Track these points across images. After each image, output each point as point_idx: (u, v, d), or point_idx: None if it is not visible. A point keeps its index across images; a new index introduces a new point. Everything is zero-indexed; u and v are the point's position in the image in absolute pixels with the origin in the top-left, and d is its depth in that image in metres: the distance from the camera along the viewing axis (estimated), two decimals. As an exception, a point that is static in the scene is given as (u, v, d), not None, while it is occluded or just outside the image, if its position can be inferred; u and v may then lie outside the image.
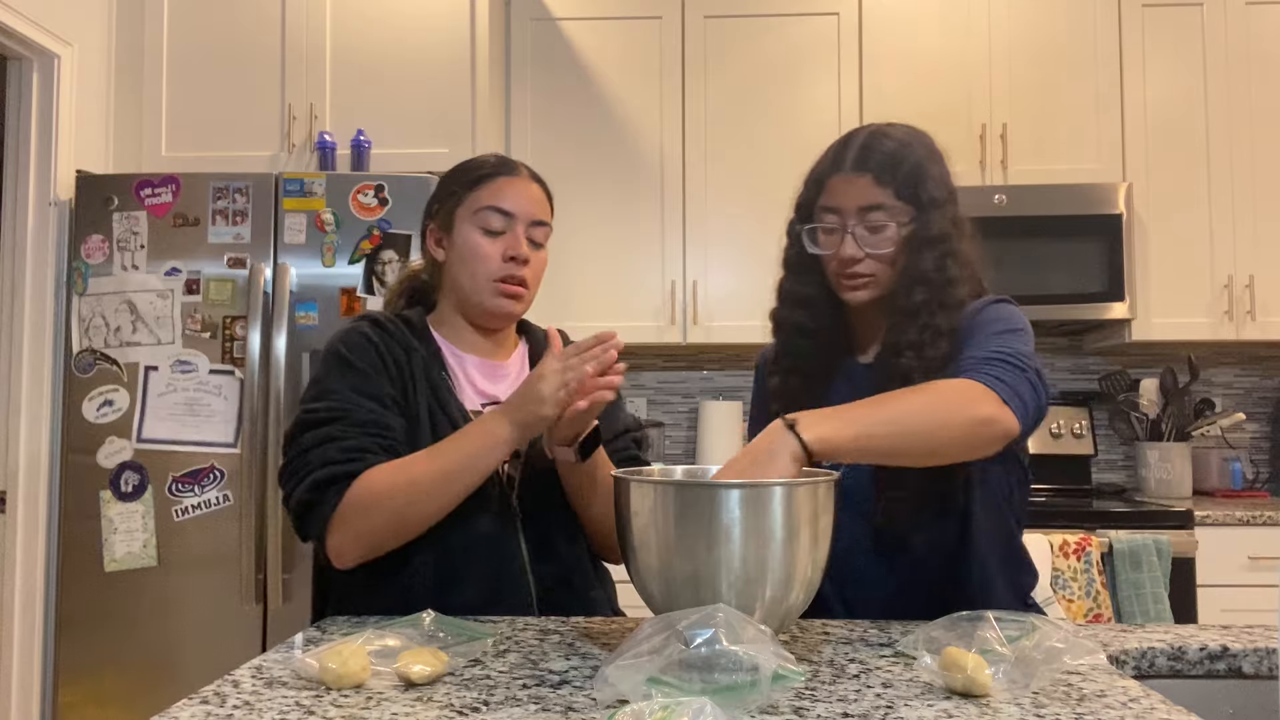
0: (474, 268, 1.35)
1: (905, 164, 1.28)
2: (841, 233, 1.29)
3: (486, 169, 1.39)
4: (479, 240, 1.35)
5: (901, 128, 1.34)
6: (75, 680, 2.50)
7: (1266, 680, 1.09)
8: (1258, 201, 3.04)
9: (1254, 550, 2.66)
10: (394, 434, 1.26)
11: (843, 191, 1.29)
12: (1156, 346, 3.25)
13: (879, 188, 1.27)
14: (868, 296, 1.32)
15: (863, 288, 1.31)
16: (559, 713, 0.83)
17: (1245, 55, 3.06)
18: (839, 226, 1.30)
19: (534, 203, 1.38)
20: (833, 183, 1.30)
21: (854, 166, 1.28)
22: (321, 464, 1.22)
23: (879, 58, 3.13)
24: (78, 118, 2.76)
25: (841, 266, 1.30)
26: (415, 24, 2.87)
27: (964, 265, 1.29)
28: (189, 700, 0.87)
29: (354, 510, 1.20)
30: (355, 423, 1.24)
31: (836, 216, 1.30)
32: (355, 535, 1.22)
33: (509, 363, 1.43)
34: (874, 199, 1.28)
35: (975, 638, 0.93)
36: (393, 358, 1.31)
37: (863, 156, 1.28)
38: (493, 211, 1.35)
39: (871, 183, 1.27)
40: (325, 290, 2.56)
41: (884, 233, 1.28)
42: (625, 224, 3.15)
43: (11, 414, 2.62)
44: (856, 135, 1.32)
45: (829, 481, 1.03)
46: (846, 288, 1.32)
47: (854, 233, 1.28)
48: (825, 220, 1.31)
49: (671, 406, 3.49)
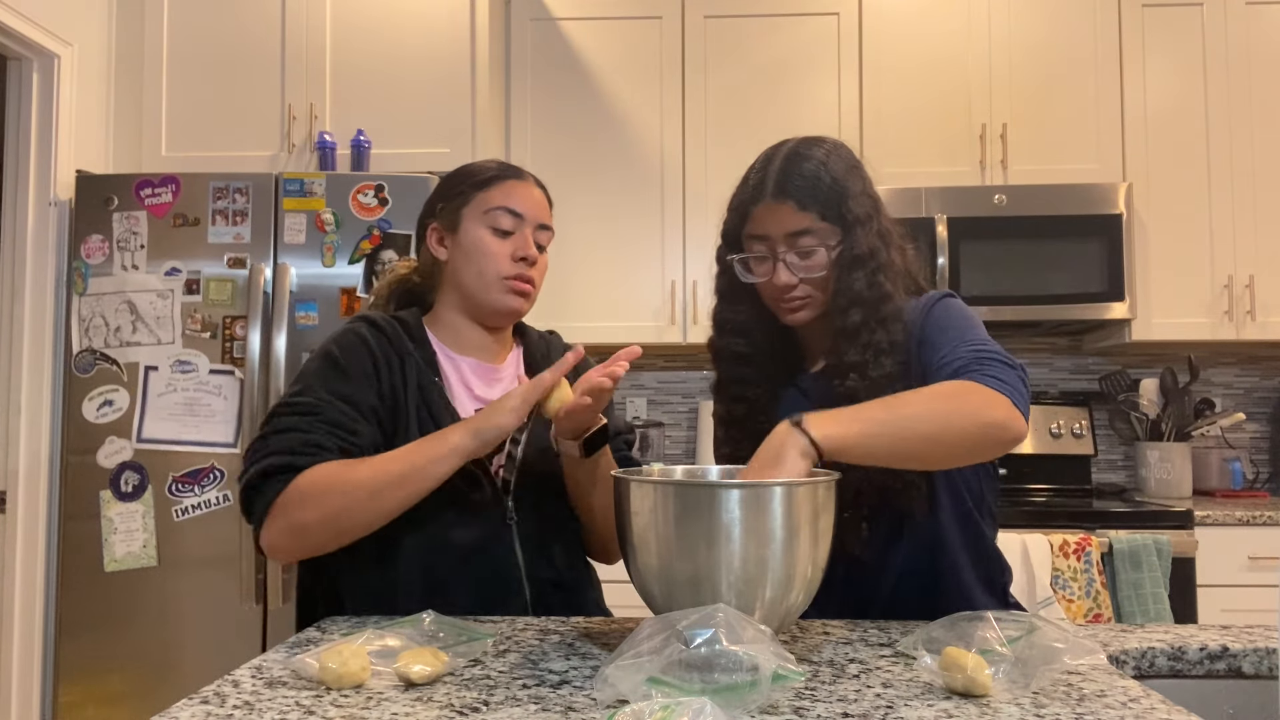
0: (482, 266, 1.35)
1: (824, 185, 1.27)
2: (773, 260, 1.29)
3: (493, 171, 1.39)
4: (489, 239, 1.35)
5: (819, 143, 1.32)
6: (75, 680, 2.50)
7: (1266, 680, 1.09)
8: (1258, 201, 3.04)
9: (1254, 550, 2.66)
10: (359, 439, 1.26)
11: (768, 219, 1.28)
12: (1156, 346, 3.25)
13: (802, 213, 1.26)
14: (808, 317, 1.32)
15: (801, 309, 1.31)
16: (559, 713, 0.83)
17: (1245, 55, 3.06)
18: (769, 254, 1.29)
19: (540, 206, 1.40)
20: (757, 211, 1.29)
21: (774, 194, 1.27)
22: (276, 451, 1.22)
23: (879, 58, 3.13)
24: (78, 118, 2.76)
25: (777, 294, 1.30)
26: (415, 24, 2.87)
27: (895, 276, 1.29)
28: (189, 700, 0.87)
29: (291, 503, 1.20)
30: (323, 420, 1.24)
31: (765, 244, 1.29)
32: (289, 528, 1.21)
33: (504, 366, 1.43)
34: (799, 224, 1.27)
35: (975, 638, 0.93)
36: (385, 361, 1.31)
37: (781, 183, 1.27)
38: (504, 212, 1.35)
39: (794, 209, 1.26)
40: (325, 290, 2.56)
41: (814, 256, 1.28)
42: (625, 224, 3.15)
43: (11, 414, 2.62)
44: (774, 159, 1.31)
45: (829, 481, 1.03)
46: (785, 311, 1.32)
47: (785, 260, 1.28)
48: (754, 249, 1.31)
49: (671, 406, 3.49)
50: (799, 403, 1.34)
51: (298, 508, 1.20)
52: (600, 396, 1.19)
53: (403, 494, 1.20)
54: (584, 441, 1.26)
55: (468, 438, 1.21)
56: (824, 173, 1.28)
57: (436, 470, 1.21)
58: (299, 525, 1.20)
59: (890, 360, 1.24)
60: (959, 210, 2.97)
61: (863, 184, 1.31)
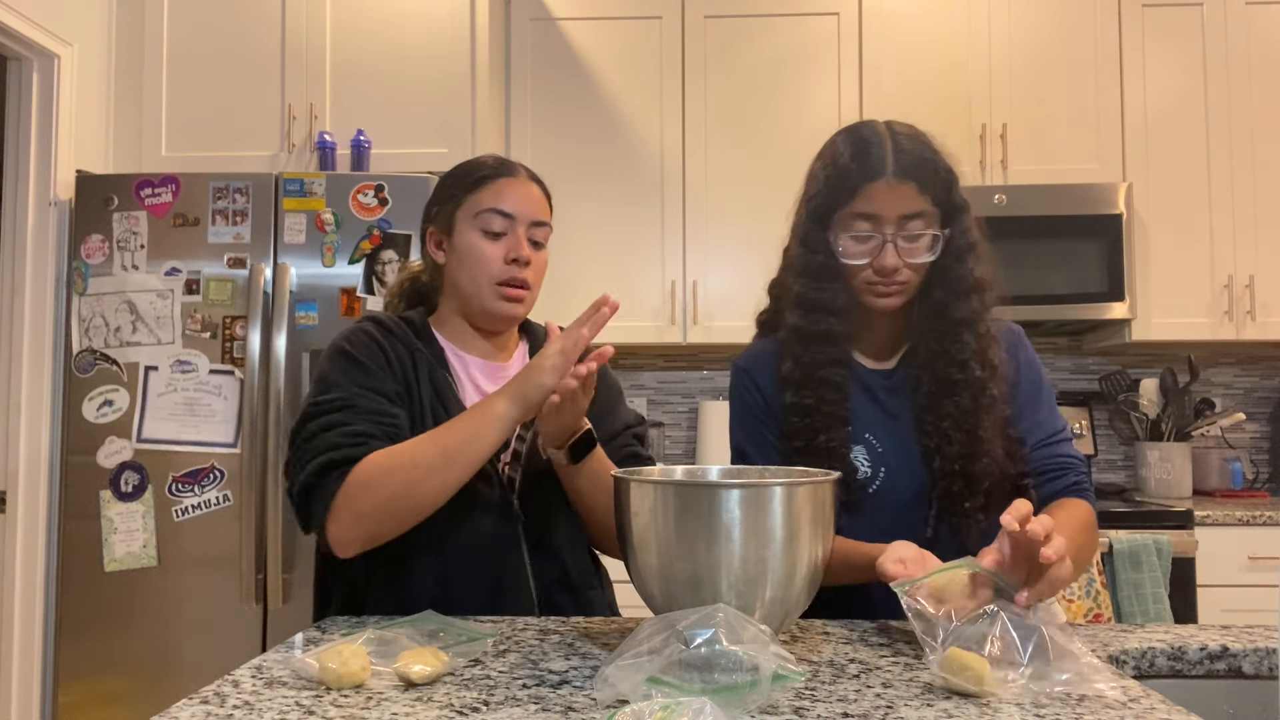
0: (475, 270, 1.34)
1: (941, 169, 1.26)
2: (880, 241, 1.25)
3: (485, 171, 1.38)
4: (480, 242, 1.34)
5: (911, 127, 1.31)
6: (75, 680, 2.50)
7: (1266, 680, 1.09)
8: (1258, 201, 3.04)
9: (1254, 550, 2.66)
10: (398, 422, 1.26)
11: (883, 198, 1.24)
12: (1156, 346, 3.25)
13: (922, 195, 1.24)
14: (899, 304, 1.30)
15: (896, 295, 1.28)
16: (559, 713, 0.83)
17: (1245, 55, 3.06)
18: (876, 234, 1.25)
19: (534, 203, 1.38)
20: (872, 189, 1.24)
21: (897, 173, 1.23)
22: (326, 449, 1.21)
23: (879, 58, 3.13)
24: (78, 118, 2.76)
25: (880, 275, 1.26)
26: (415, 24, 2.87)
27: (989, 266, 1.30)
28: (189, 700, 0.87)
29: (356, 491, 1.18)
30: (360, 411, 1.24)
31: (873, 224, 1.25)
32: (356, 517, 1.19)
33: (510, 364, 1.43)
34: (916, 207, 1.24)
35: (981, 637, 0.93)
36: (396, 357, 1.31)
37: (904, 163, 1.24)
38: (493, 213, 1.34)
39: (916, 190, 1.24)
40: (325, 290, 2.56)
41: (921, 241, 1.26)
42: (625, 224, 3.15)
43: (11, 414, 2.62)
44: (880, 137, 1.27)
45: (829, 481, 1.03)
46: (880, 294, 1.28)
47: (895, 242, 1.25)
48: (858, 228, 1.26)
49: (671, 406, 3.49)
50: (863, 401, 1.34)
51: (362, 496, 1.18)
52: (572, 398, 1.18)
53: (460, 467, 1.19)
54: (569, 448, 1.25)
55: (513, 405, 1.19)
56: (939, 157, 1.27)
57: (489, 440, 1.19)
58: (365, 513, 1.19)
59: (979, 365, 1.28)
60: (959, 210, 2.96)
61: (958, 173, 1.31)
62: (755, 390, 1.39)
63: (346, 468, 1.19)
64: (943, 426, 1.28)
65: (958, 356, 1.27)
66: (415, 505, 1.20)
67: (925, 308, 1.30)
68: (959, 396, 1.28)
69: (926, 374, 1.31)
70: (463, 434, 1.20)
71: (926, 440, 1.30)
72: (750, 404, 1.40)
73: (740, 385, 1.42)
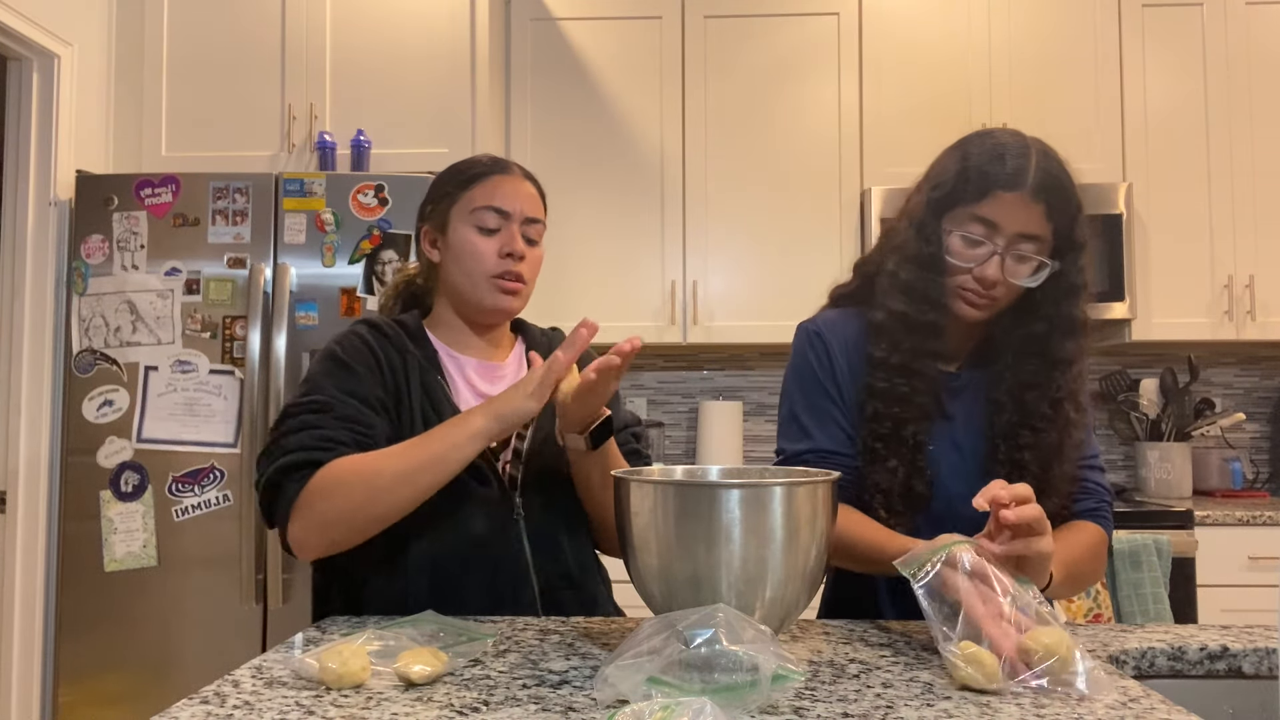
0: (470, 266, 1.34)
1: (1073, 201, 1.24)
2: (990, 251, 1.23)
3: (479, 168, 1.38)
4: (475, 239, 1.34)
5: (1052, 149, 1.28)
6: (75, 680, 2.50)
7: (1266, 680, 1.09)
8: (1258, 201, 3.04)
9: (1254, 550, 2.66)
10: (373, 431, 1.26)
11: (1009, 210, 1.22)
12: (1156, 346, 3.25)
13: (1047, 221, 1.23)
14: (983, 318, 1.29)
15: (984, 308, 1.27)
16: (559, 713, 0.83)
17: (1245, 55, 3.06)
18: (988, 242, 1.24)
19: (528, 200, 1.38)
20: (1003, 197, 1.22)
21: (1034, 191, 1.21)
22: (293, 449, 1.21)
23: (879, 58, 3.13)
24: (78, 118, 2.76)
25: (977, 284, 1.25)
26: (415, 24, 2.87)
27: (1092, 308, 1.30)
28: (189, 700, 0.87)
29: (315, 496, 1.19)
30: (336, 415, 1.24)
31: (989, 231, 1.23)
32: (315, 523, 1.19)
33: (506, 363, 1.43)
34: (1038, 230, 1.23)
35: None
36: (387, 361, 1.32)
37: (1044, 183, 1.22)
38: (488, 210, 1.35)
39: (1044, 214, 1.22)
40: (325, 290, 2.56)
41: (1028, 264, 1.23)
42: (625, 224, 3.15)
43: (11, 414, 2.62)
44: (1025, 148, 1.25)
45: (829, 482, 1.03)
46: (969, 302, 1.27)
47: (1006, 256, 1.23)
48: (974, 230, 1.24)
49: (671, 406, 3.49)
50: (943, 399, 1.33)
51: (321, 501, 1.19)
52: (607, 377, 1.15)
53: (426, 481, 1.19)
54: (590, 434, 1.24)
55: (490, 422, 1.19)
56: (1074, 188, 1.25)
57: (459, 456, 1.19)
58: (324, 519, 1.19)
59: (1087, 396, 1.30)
60: (959, 210, 2.96)
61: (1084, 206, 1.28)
62: (826, 356, 1.36)
63: (310, 470, 1.20)
64: (1020, 458, 1.27)
65: (1052, 394, 1.26)
66: (376, 516, 1.20)
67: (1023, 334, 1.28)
68: (1045, 433, 1.27)
69: (1010, 401, 1.28)
70: (432, 450, 1.19)
71: (997, 467, 1.27)
72: (817, 368, 1.36)
73: (810, 348, 1.37)
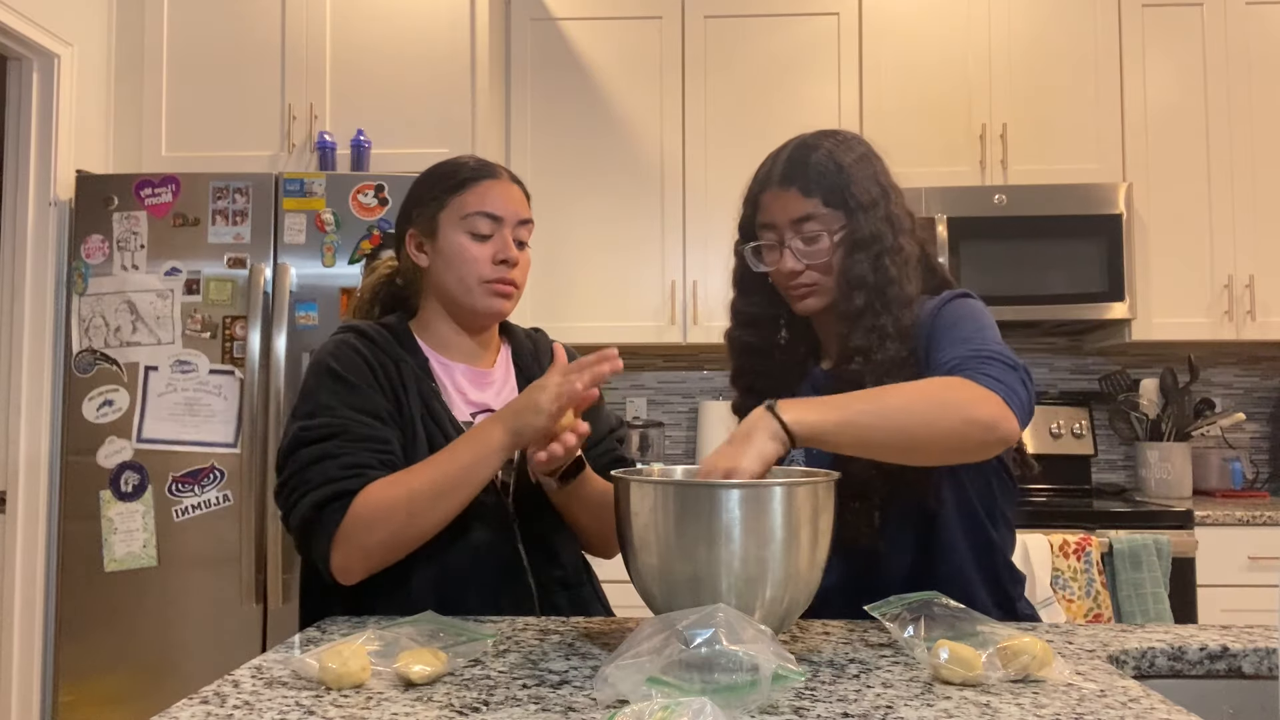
0: (463, 271, 1.34)
1: (829, 172, 1.29)
2: (779, 247, 1.31)
3: (467, 173, 1.37)
4: (469, 245, 1.34)
5: (831, 135, 1.34)
6: (75, 680, 2.50)
7: (1266, 680, 1.09)
8: (1258, 201, 3.03)
9: (1254, 550, 2.66)
10: (392, 448, 1.26)
11: (774, 206, 1.31)
12: (1156, 346, 3.25)
13: (807, 199, 1.29)
14: (818, 305, 1.33)
15: (810, 296, 1.32)
16: (559, 713, 0.83)
17: (1245, 55, 3.06)
18: (776, 241, 1.32)
19: (518, 203, 1.38)
20: (764, 199, 1.33)
21: (780, 181, 1.31)
22: (322, 482, 1.21)
23: (879, 57, 3.13)
24: (78, 118, 2.76)
25: (785, 280, 1.33)
26: (415, 24, 2.87)
27: (905, 263, 1.28)
28: (189, 700, 0.87)
29: (357, 527, 1.19)
30: (353, 438, 1.24)
31: (773, 232, 1.32)
32: (360, 552, 1.20)
33: (495, 369, 1.44)
34: (803, 210, 1.29)
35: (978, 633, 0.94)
36: (383, 369, 1.30)
37: (787, 171, 1.31)
38: (481, 216, 1.34)
39: (799, 195, 1.29)
40: (325, 290, 2.56)
41: (819, 242, 1.29)
42: (625, 224, 3.15)
43: (11, 414, 2.62)
44: (784, 149, 1.35)
45: (829, 481, 1.03)
46: (795, 299, 1.34)
47: (791, 246, 1.30)
48: (764, 237, 1.33)
49: (671, 406, 3.49)
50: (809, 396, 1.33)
51: (365, 531, 1.20)
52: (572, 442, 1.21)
53: (458, 498, 1.22)
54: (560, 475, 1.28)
55: (508, 437, 1.21)
56: (829, 160, 1.30)
57: (485, 470, 1.22)
58: (367, 548, 1.20)
59: (896, 346, 1.23)
60: (959, 210, 2.97)
61: (872, 171, 1.32)
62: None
63: (346, 500, 1.20)
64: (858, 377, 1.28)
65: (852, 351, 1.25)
66: (417, 535, 1.22)
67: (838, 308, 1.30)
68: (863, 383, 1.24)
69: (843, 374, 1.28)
70: (459, 467, 1.21)
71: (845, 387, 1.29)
72: None
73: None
